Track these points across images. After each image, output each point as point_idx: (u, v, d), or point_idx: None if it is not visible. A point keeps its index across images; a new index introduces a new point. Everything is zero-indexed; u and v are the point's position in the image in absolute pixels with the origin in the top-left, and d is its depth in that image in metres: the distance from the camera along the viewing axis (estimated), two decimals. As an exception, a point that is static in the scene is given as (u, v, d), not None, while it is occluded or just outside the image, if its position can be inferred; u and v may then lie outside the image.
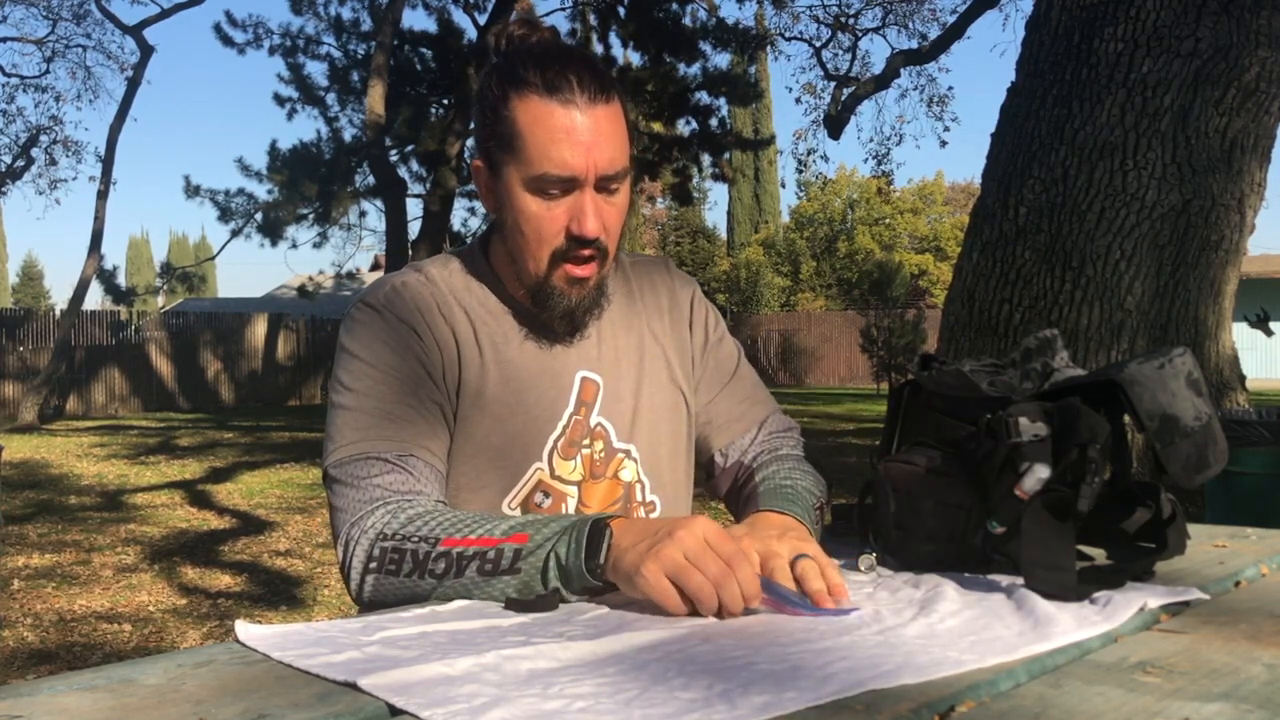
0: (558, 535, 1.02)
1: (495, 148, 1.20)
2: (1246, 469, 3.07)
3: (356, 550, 1.10)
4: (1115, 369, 1.09)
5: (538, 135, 1.16)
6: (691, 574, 0.93)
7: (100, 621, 4.42)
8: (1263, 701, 0.68)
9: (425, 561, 1.05)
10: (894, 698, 0.68)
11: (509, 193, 1.20)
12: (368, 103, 12.33)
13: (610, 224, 1.21)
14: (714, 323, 1.42)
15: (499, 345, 1.25)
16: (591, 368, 1.29)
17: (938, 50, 14.11)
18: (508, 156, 1.18)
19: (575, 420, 1.26)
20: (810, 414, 16.11)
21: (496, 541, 1.03)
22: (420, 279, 1.26)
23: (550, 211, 1.18)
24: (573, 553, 0.99)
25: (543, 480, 1.24)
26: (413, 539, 1.06)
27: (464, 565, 1.03)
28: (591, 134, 1.16)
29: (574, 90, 1.15)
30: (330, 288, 22.00)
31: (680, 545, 0.94)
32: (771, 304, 32.52)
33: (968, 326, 4.21)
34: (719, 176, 15.81)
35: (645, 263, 1.43)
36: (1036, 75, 4.20)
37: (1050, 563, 0.97)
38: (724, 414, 1.39)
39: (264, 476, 9.01)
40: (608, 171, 1.18)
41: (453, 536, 1.05)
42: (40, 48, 19.04)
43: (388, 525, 1.09)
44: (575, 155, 1.15)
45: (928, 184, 35.83)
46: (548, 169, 1.16)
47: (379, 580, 1.08)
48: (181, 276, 18.61)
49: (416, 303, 1.23)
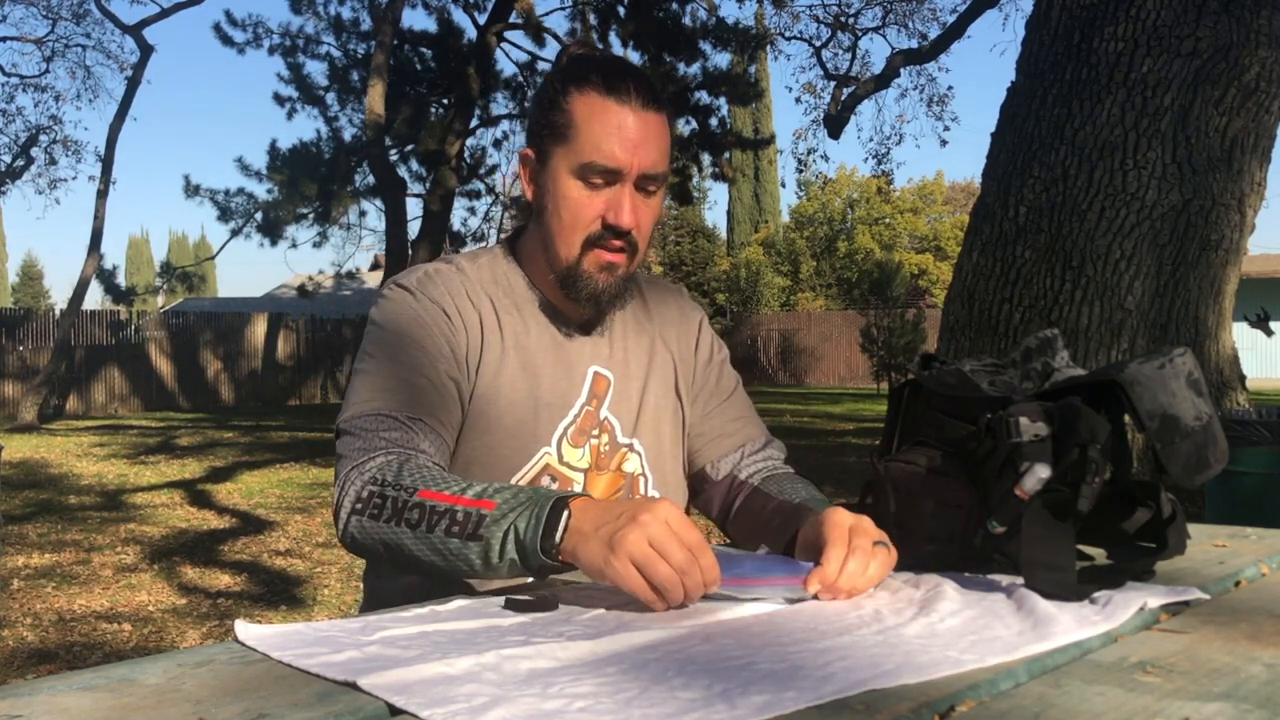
0: (521, 507, 1.04)
1: (548, 136, 1.28)
2: (1246, 469, 3.07)
3: (349, 490, 1.15)
4: (1116, 369, 1.09)
5: (593, 126, 1.24)
6: (658, 564, 0.93)
7: (100, 621, 4.42)
8: (1263, 701, 0.68)
9: (402, 510, 1.09)
10: (894, 697, 0.68)
11: (554, 178, 1.27)
12: (368, 102, 12.32)
13: (644, 222, 1.29)
14: (717, 347, 1.50)
15: (519, 334, 1.31)
16: (604, 364, 1.35)
17: (938, 50, 14.11)
18: (559, 145, 1.26)
19: (587, 411, 1.32)
20: (810, 414, 16.11)
21: (467, 502, 1.06)
22: (451, 269, 1.33)
23: (590, 199, 1.26)
24: (530, 529, 1.01)
25: (550, 465, 1.29)
26: (395, 486, 1.11)
27: (435, 521, 1.07)
28: (640, 134, 1.24)
29: (630, 93, 1.25)
30: (330, 287, 21.99)
31: (645, 531, 0.94)
32: (771, 304, 32.50)
33: (968, 326, 4.21)
34: (719, 176, 15.80)
35: (660, 283, 1.52)
36: (1036, 75, 4.20)
37: (1050, 563, 0.97)
38: (717, 429, 1.44)
39: (264, 476, 9.01)
40: (649, 171, 1.26)
41: (429, 489, 1.09)
42: (40, 47, 19.03)
43: (381, 471, 1.13)
44: (623, 150, 1.24)
45: (928, 183, 35.83)
46: (596, 158, 1.24)
47: (361, 522, 1.12)
48: (181, 276, 18.58)
49: (447, 286, 1.30)
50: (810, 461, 9.86)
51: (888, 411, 1.25)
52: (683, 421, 1.42)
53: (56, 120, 20.27)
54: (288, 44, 14.79)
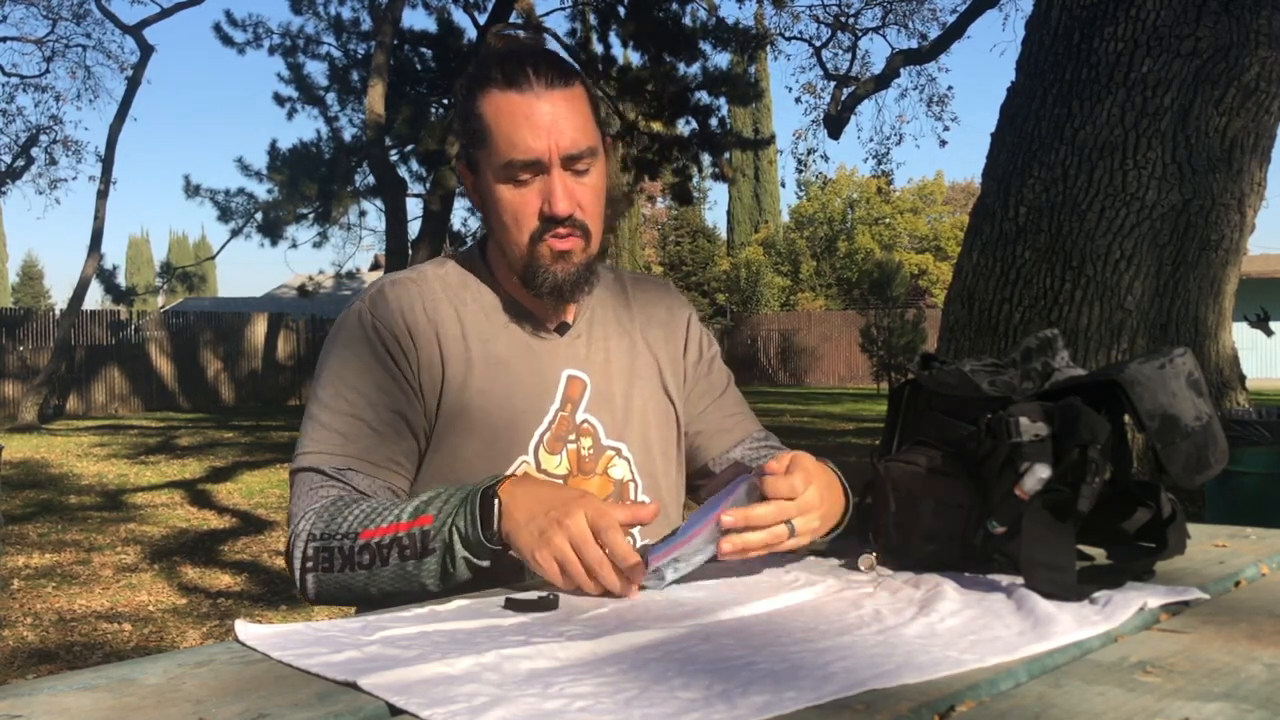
0: (455, 509, 1.08)
1: (470, 146, 1.27)
2: (1246, 469, 3.07)
3: (294, 554, 1.18)
4: (1116, 369, 1.09)
5: (502, 125, 1.22)
6: (574, 565, 1.02)
7: (100, 621, 4.42)
8: (1263, 701, 0.68)
9: (351, 555, 1.13)
10: (894, 698, 0.68)
11: (486, 185, 1.26)
12: (368, 102, 12.31)
13: (585, 202, 1.26)
14: (708, 344, 1.48)
15: (487, 341, 1.30)
16: (579, 366, 1.33)
17: (938, 50, 14.11)
18: (481, 152, 1.25)
19: (561, 416, 1.30)
20: (810, 414, 16.11)
21: (407, 526, 1.10)
22: (411, 277, 1.32)
23: (524, 196, 1.24)
24: (469, 524, 1.07)
25: (528, 473, 1.26)
26: (336, 536, 1.15)
27: (386, 555, 1.11)
28: (550, 117, 1.21)
29: (530, 79, 1.21)
30: (330, 287, 21.96)
31: (567, 533, 1.02)
32: (771, 304, 32.49)
33: (968, 326, 4.21)
34: (719, 176, 15.79)
35: (647, 280, 1.49)
36: (1036, 75, 4.20)
37: (1050, 562, 0.97)
38: (715, 424, 1.44)
39: (264, 476, 9.00)
40: (571, 151, 1.23)
41: (368, 528, 1.12)
42: (40, 47, 19.03)
43: (314, 527, 1.17)
44: (536, 138, 1.21)
45: (928, 183, 35.84)
46: (513, 155, 1.22)
47: (319, 578, 1.16)
48: (181, 276, 18.56)
49: (400, 303, 1.28)
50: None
51: (888, 411, 1.25)
52: (676, 421, 1.40)
53: (56, 120, 20.29)
54: (288, 44, 14.77)
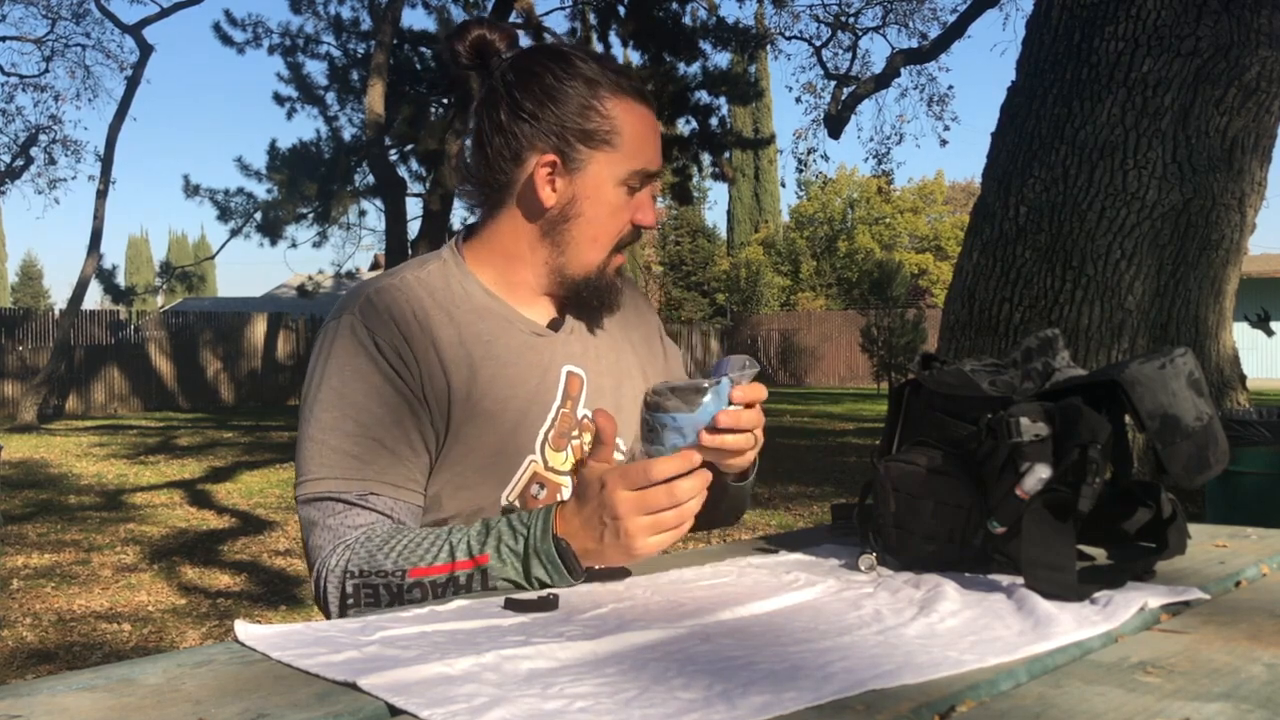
0: (523, 556, 1.08)
1: (580, 141, 1.24)
2: (1246, 469, 3.07)
3: (329, 589, 1.15)
4: (1116, 369, 1.09)
5: (637, 132, 1.25)
6: (665, 523, 1.05)
7: (100, 621, 4.42)
8: (1263, 701, 0.68)
9: (400, 593, 1.10)
10: (894, 698, 0.68)
11: (593, 185, 1.25)
12: (367, 102, 12.31)
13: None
14: (671, 348, 1.52)
15: (486, 343, 1.26)
16: (576, 362, 1.32)
17: (938, 49, 14.12)
18: (600, 151, 1.24)
19: (563, 413, 1.29)
20: (810, 414, 16.11)
21: (463, 565, 1.09)
22: (394, 284, 1.25)
23: (627, 204, 1.27)
24: (554, 574, 1.07)
25: (537, 472, 1.26)
26: (380, 573, 1.11)
27: (440, 592, 1.09)
28: (659, 135, 1.29)
29: (649, 95, 1.28)
30: (330, 287, 21.94)
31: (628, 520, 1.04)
32: (771, 304, 32.49)
33: (968, 326, 4.21)
34: (719, 176, 15.79)
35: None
36: (1037, 74, 4.20)
37: (1050, 563, 0.97)
38: None
39: (264, 476, 9.00)
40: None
41: (418, 566, 1.10)
42: (39, 47, 19.05)
43: (350, 563, 1.13)
44: (658, 153, 1.28)
45: (928, 183, 35.83)
46: (644, 164, 1.26)
47: (362, 613, 1.09)
48: (181, 276, 18.58)
49: (392, 312, 1.22)
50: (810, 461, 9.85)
51: (888, 411, 1.24)
52: None
53: (56, 120, 20.29)
54: (287, 44, 14.79)
